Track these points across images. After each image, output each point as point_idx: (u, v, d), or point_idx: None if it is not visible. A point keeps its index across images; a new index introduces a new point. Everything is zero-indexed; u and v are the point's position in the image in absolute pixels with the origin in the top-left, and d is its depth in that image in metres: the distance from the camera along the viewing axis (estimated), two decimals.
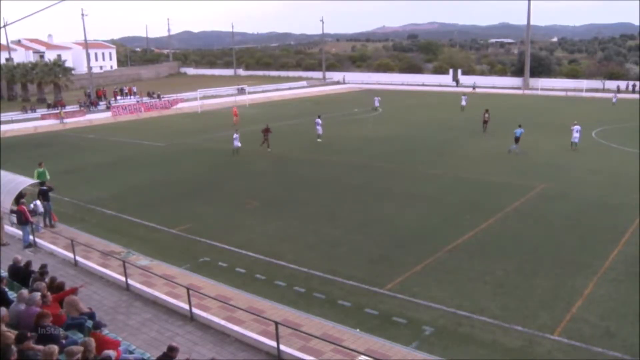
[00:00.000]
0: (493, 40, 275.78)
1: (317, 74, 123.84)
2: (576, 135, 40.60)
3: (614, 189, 29.12)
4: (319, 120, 43.74)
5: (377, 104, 68.21)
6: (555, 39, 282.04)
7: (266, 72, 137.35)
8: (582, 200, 27.06)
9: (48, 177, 27.56)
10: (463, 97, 68.59)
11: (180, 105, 74.62)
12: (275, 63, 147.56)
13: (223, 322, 14.56)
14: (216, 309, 15.49)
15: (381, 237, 21.99)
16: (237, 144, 38.56)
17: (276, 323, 13.07)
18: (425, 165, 35.17)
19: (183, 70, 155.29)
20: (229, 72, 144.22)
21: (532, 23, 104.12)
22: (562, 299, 16.48)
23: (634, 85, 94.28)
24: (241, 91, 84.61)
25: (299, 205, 26.82)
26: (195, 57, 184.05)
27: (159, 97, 77.51)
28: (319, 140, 43.00)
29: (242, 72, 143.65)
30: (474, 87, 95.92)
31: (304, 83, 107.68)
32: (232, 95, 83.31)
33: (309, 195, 28.52)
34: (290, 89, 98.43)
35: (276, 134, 42.07)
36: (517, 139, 39.38)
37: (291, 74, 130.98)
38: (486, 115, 49.75)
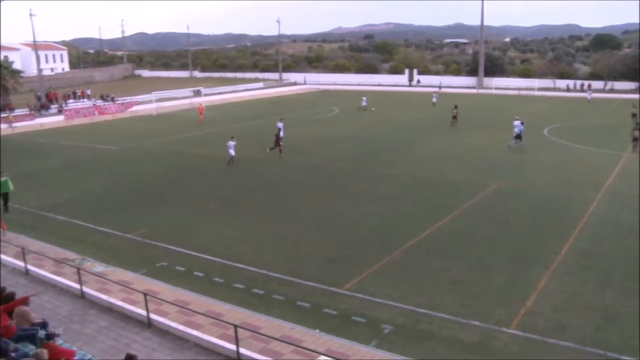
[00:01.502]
0: (448, 40, 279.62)
1: (274, 75, 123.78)
2: (516, 130, 42.07)
3: (566, 186, 29.97)
4: (281, 124, 43.34)
5: (364, 103, 68.76)
6: (508, 39, 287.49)
7: (222, 74, 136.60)
8: (535, 197, 27.76)
9: (11, 187, 26.42)
10: (434, 95, 72.07)
11: (135, 108, 73.50)
12: (231, 64, 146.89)
13: (181, 327, 14.45)
14: (174, 314, 15.36)
15: (339, 237, 22.14)
16: (232, 152, 35.70)
17: (235, 326, 13.04)
18: (383, 164, 35.52)
19: (138, 72, 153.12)
20: (184, 74, 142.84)
21: (485, 23, 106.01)
22: (517, 293, 16.89)
23: (582, 84, 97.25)
24: (197, 93, 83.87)
25: (257, 206, 26.79)
26: (150, 59, 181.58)
27: (113, 100, 76.09)
28: (280, 143, 42.39)
29: (198, 73, 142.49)
30: (440, 87, 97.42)
31: (261, 84, 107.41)
32: (188, 97, 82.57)
33: (268, 197, 28.50)
34: (246, 90, 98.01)
35: (235, 135, 41.78)
36: (518, 136, 40.86)
37: (248, 75, 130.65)
38: (455, 110, 52.92)
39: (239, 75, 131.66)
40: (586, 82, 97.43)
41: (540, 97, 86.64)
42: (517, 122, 42.21)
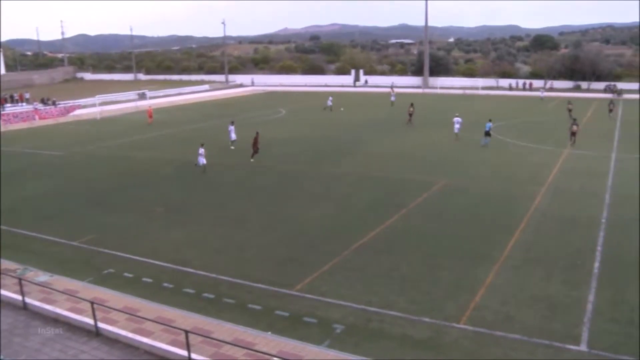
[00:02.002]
0: (393, 40, 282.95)
1: (220, 77, 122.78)
2: (457, 126, 44.63)
3: (510, 182, 30.77)
4: (232, 127, 42.92)
5: (329, 103, 69.12)
6: (451, 40, 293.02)
7: (167, 76, 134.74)
8: (481, 194, 28.40)
9: None
10: (392, 94, 74.25)
11: (78, 112, 71.52)
12: (176, 67, 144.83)
13: (131, 335, 14.16)
14: (123, 321, 15.04)
15: (289, 239, 22.13)
16: (203, 160, 33.68)
17: (186, 332, 12.88)
18: (332, 165, 35.67)
19: (80, 75, 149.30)
20: (128, 76, 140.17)
21: (429, 24, 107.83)
22: (465, 289, 17.24)
23: (524, 83, 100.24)
24: (142, 96, 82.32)
25: (206, 209, 26.51)
26: (93, 62, 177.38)
27: (54, 103, 73.87)
28: (232, 147, 42.14)
29: (142, 76, 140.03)
30: (392, 87, 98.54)
31: (207, 86, 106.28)
32: (133, 100, 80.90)
33: (217, 200, 28.22)
34: (192, 92, 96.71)
35: (182, 138, 41.36)
36: (487, 133, 42.20)
37: (193, 77, 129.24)
38: (411, 108, 55.11)
39: (185, 77, 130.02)
40: (528, 81, 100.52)
41: (484, 96, 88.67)
42: (457, 119, 44.60)
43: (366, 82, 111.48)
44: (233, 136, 42.24)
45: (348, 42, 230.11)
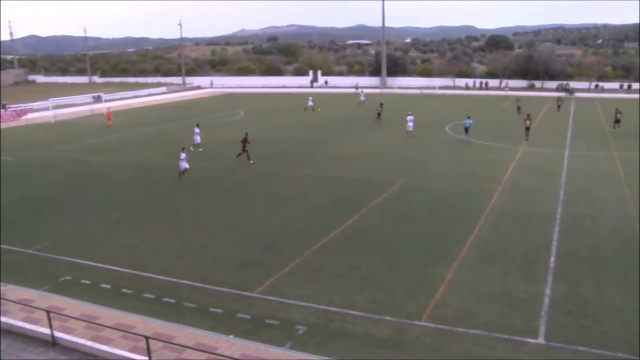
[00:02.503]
0: (351, 41, 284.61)
1: (177, 80, 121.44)
2: (410, 124, 46.07)
3: (468, 180, 31.26)
4: (197, 129, 42.26)
5: (310, 103, 69.55)
6: (408, 40, 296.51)
7: (123, 79, 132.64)
8: (440, 192, 28.77)
9: None
10: (361, 94, 76.22)
11: (30, 115, 69.67)
12: (132, 69, 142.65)
13: (90, 343, 13.86)
14: (81, 329, 14.72)
15: (249, 241, 22.01)
16: (185, 165, 32.17)
17: (146, 337, 12.69)
18: (293, 166, 35.63)
19: (31, 77, 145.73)
20: (83, 79, 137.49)
21: (386, 25, 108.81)
22: (426, 287, 17.44)
23: (481, 83, 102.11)
24: (97, 99, 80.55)
25: (165, 213, 26.15)
26: (45, 64, 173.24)
27: (4, 107, 71.92)
28: (200, 149, 41.41)
29: (97, 79, 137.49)
30: (357, 87, 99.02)
31: (164, 89, 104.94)
32: (88, 103, 79.17)
33: (176, 203, 27.85)
34: (149, 95, 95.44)
35: (139, 141, 40.76)
36: (466, 129, 44.13)
37: (150, 80, 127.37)
38: (379, 107, 57.34)
39: (141, 80, 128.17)
40: (484, 81, 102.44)
41: (441, 95, 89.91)
42: (409, 117, 46.36)
43: (326, 82, 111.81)
44: (197, 139, 41.76)
45: (306, 43, 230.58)
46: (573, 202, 26.70)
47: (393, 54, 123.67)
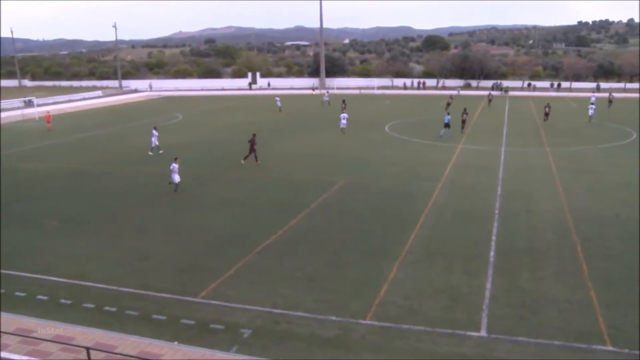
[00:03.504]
0: (289, 43, 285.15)
1: (114, 83, 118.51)
2: (343, 122, 47.80)
3: (408, 178, 31.74)
4: (155, 132, 41.22)
5: (278, 104, 69.51)
6: (347, 41, 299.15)
7: (56, 82, 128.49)
8: (382, 191, 29.08)
9: None
10: (325, 94, 77.09)
11: None
12: (66, 72, 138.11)
13: (26, 358, 13.33)
14: (16, 344, 14.10)
15: (191, 246, 21.66)
16: (177, 177, 29.65)
17: (87, 349, 12.31)
18: (234, 168, 35.30)
19: None
20: (12, 82, 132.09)
21: (325, 26, 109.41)
22: (370, 285, 17.56)
23: (418, 82, 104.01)
24: (29, 103, 77.77)
25: (104, 220, 25.35)
26: None
27: None
28: (160, 151, 40.54)
29: (28, 82, 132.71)
30: (313, 88, 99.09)
31: (99, 92, 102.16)
32: (18, 108, 76.32)
33: (114, 210, 27.07)
34: (84, 99, 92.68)
35: (75, 147, 39.56)
36: (446, 125, 45.60)
37: (84, 83, 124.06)
38: (343, 104, 60.29)
39: (75, 83, 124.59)
40: (421, 80, 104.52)
41: (380, 95, 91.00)
42: (343, 115, 48.60)
43: (269, 84, 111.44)
44: (155, 141, 40.90)
45: (244, 44, 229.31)
46: (510, 197, 27.48)
47: (332, 55, 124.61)
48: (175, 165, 29.62)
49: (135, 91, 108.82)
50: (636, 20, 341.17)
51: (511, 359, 13.38)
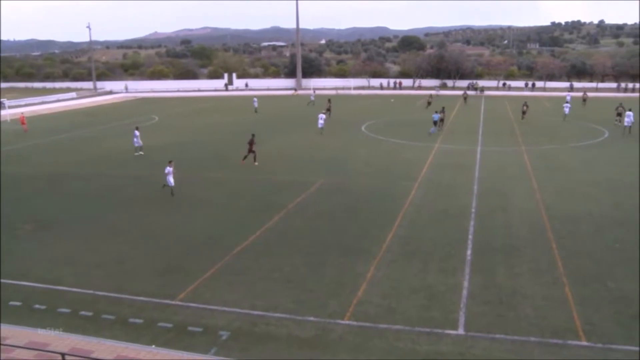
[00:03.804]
0: (265, 43, 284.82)
1: (88, 84, 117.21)
2: (321, 122, 48.36)
3: (385, 178, 31.86)
4: (137, 132, 40.96)
5: (255, 104, 69.33)
6: (323, 41, 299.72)
7: (29, 84, 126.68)
8: (359, 191, 29.15)
9: None
10: (312, 95, 76.86)
11: None
12: (39, 73, 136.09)
13: None
14: None
15: (169, 248, 21.49)
16: (171, 180, 28.88)
17: (63, 354, 12.19)
18: (212, 170, 35.13)
19: None
20: None
21: (301, 26, 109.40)
22: (348, 285, 17.58)
23: (395, 82, 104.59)
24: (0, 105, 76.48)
25: (80, 224, 24.97)
26: None
27: None
28: (140, 153, 40.44)
29: None
30: (295, 89, 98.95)
31: (74, 94, 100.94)
32: None
33: (91, 213, 26.70)
34: (58, 101, 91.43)
35: (48, 150, 38.95)
36: (435, 122, 48.08)
37: (58, 85, 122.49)
38: (328, 104, 61.39)
39: (49, 85, 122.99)
40: (397, 80, 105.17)
41: (356, 95, 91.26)
42: (321, 115, 48.92)
43: (247, 85, 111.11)
44: (138, 142, 40.66)
45: (220, 45, 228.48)
46: (486, 195, 27.74)
47: (308, 56, 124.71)
48: (169, 169, 28.94)
49: (111, 92, 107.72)
50: (606, 21, 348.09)
51: (488, 356, 13.50)
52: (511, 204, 26.21)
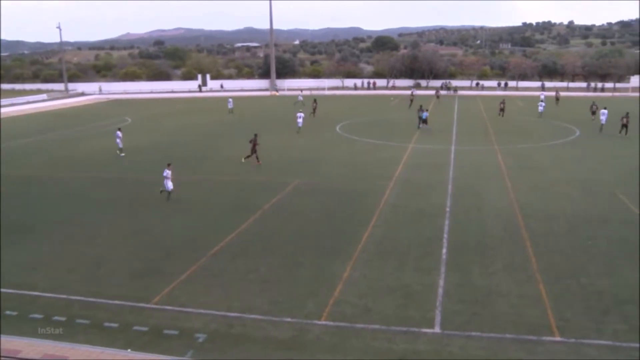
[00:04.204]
0: (239, 44, 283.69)
1: (59, 86, 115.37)
2: (299, 121, 49.14)
3: (360, 178, 31.96)
4: (119, 133, 40.71)
5: (230, 105, 69.08)
6: (297, 42, 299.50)
7: None
8: (335, 191, 29.19)
9: None
10: (299, 95, 77.03)
11: None
12: (7, 75, 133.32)
13: None
14: None
15: (144, 250, 21.27)
16: (169, 184, 28.06)
17: None
18: (186, 171, 34.75)
19: None
20: None
21: (275, 27, 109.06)
22: (324, 285, 17.57)
23: (369, 83, 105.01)
24: None
25: (53, 227, 24.55)
26: None
27: None
28: (122, 154, 40.24)
29: None
30: (277, 90, 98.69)
31: (44, 96, 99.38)
32: None
33: (63, 216, 26.27)
34: (28, 103, 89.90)
35: (19, 152, 38.27)
36: (424, 120, 50.19)
37: (28, 86, 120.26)
38: (314, 104, 63.29)
39: (18, 86, 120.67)
40: (371, 80, 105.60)
41: (330, 96, 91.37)
42: (299, 114, 49.90)
43: (222, 86, 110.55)
44: (120, 143, 40.68)
45: (193, 46, 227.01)
46: (461, 195, 27.96)
47: (282, 56, 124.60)
48: (168, 172, 28.13)
49: (82, 94, 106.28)
50: (575, 22, 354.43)
51: (464, 354, 13.60)
52: (486, 203, 26.46)
